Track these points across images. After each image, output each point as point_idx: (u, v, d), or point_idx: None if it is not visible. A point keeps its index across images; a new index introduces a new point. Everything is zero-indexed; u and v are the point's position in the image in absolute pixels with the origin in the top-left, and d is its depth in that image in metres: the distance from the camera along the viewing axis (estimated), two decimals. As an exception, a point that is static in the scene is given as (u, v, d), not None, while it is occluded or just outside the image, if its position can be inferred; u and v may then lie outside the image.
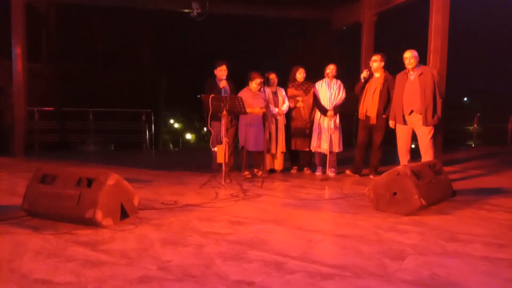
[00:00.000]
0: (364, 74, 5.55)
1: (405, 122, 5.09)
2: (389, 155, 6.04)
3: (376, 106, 5.53)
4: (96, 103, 11.19)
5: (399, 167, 3.71)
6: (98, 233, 3.00)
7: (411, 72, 5.03)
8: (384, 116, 5.55)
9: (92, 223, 3.07)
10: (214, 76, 5.93)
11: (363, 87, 5.64)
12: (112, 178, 3.19)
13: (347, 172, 5.91)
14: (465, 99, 30.69)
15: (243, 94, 5.65)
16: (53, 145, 10.10)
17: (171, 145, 24.02)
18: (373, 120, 5.58)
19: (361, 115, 5.68)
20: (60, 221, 3.22)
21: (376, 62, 5.56)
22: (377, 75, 5.61)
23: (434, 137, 5.02)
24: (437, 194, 3.93)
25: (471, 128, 12.94)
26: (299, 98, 6.05)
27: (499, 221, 3.49)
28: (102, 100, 12.48)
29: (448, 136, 7.59)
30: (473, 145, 12.36)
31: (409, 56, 4.98)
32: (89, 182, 3.18)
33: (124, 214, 3.31)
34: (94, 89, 13.09)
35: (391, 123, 5.28)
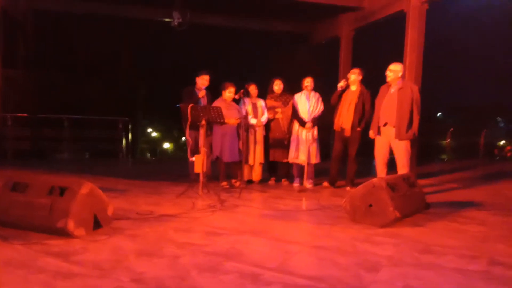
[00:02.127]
0: (342, 83, 5.66)
1: (379, 133, 5.19)
2: (365, 167, 6.12)
3: (351, 118, 5.63)
4: (72, 111, 10.93)
5: (374, 179, 3.76)
6: (70, 243, 2.92)
7: (392, 85, 5.14)
8: (358, 128, 5.66)
9: (64, 233, 2.99)
10: (194, 84, 5.88)
11: (340, 96, 5.72)
12: (86, 187, 3.13)
13: (324, 184, 5.96)
14: (439, 114, 31.44)
15: (217, 104, 5.62)
16: (27, 152, 9.81)
17: (149, 154, 23.71)
18: (347, 132, 5.67)
19: (336, 127, 5.78)
20: (32, 231, 3.12)
21: (354, 75, 5.67)
22: (353, 88, 5.71)
23: (411, 152, 5.10)
24: (412, 206, 3.99)
25: (444, 142, 13.25)
26: (278, 110, 6.10)
27: (472, 233, 3.57)
28: (79, 107, 12.23)
29: (422, 149, 7.75)
30: (446, 159, 12.64)
31: (389, 69, 5.10)
32: (62, 191, 3.10)
33: (97, 224, 3.23)
34: (70, 96, 12.81)
35: (370, 133, 5.35)
